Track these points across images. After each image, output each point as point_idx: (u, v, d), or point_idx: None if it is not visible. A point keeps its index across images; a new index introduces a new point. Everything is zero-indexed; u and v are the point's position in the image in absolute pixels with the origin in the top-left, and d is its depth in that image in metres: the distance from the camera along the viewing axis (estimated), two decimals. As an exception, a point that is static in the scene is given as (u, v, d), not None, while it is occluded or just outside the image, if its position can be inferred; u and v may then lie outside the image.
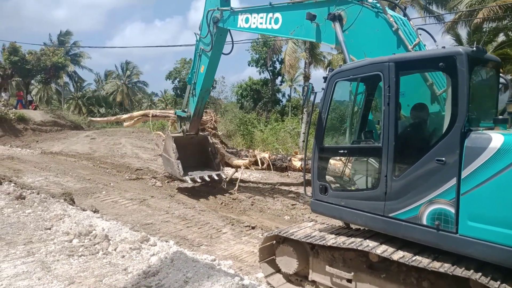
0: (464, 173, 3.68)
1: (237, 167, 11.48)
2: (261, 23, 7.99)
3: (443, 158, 3.82)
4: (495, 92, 4.57)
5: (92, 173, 12.49)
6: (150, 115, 13.52)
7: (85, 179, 11.31)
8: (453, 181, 3.75)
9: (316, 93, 5.29)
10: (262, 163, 10.54)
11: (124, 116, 14.79)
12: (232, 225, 7.93)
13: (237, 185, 10.73)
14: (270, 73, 48.05)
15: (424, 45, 5.41)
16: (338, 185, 5.23)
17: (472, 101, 3.98)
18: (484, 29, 18.50)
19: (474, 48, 3.88)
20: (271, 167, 10.54)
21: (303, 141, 23.49)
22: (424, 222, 3.96)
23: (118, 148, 19.05)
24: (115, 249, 5.05)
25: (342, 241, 4.58)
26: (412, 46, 5.26)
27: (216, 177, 10.26)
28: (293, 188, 11.08)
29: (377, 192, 4.38)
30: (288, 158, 11.06)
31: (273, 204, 9.58)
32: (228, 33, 9.39)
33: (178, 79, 57.15)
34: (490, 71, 4.51)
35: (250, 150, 12.65)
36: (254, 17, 8.13)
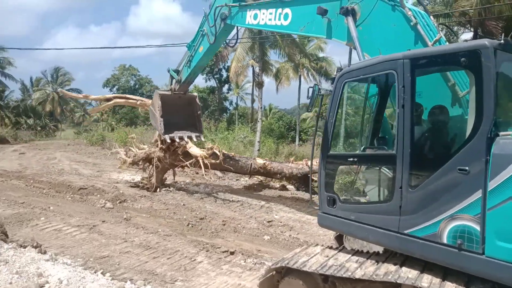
0: (491, 185, 3.18)
1: (195, 157, 11.08)
2: (270, 19, 7.66)
3: (467, 167, 3.32)
4: None
5: (25, 194, 10.55)
6: (123, 100, 13.72)
7: (18, 203, 9.42)
8: (478, 194, 3.26)
9: (322, 95, 4.58)
10: (217, 158, 10.87)
11: (93, 96, 14.05)
12: (207, 251, 6.81)
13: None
14: (217, 81, 47.07)
15: (445, 41, 4.88)
16: (348, 197, 4.60)
17: (500, 102, 3.50)
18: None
19: (502, 41, 3.37)
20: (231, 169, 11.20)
21: (258, 150, 22.78)
22: (445, 240, 3.45)
23: (54, 163, 16.80)
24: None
25: (372, 271, 3.78)
26: (432, 42, 4.71)
27: (195, 139, 10.94)
28: (263, 202, 10.17)
29: (391, 206, 3.85)
30: (253, 158, 11.36)
31: (246, 222, 8.58)
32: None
33: (117, 86, 53.94)
34: None
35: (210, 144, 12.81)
36: (263, 13, 7.84)
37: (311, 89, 4.50)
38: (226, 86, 50.10)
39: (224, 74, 47.22)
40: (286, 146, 29.38)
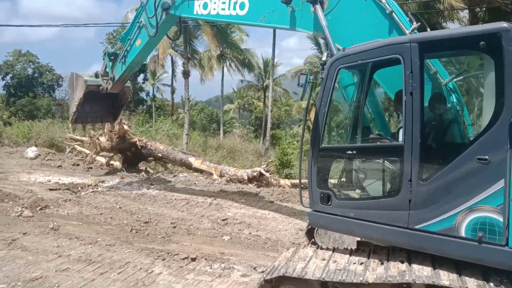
0: None
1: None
2: (223, 9, 6.85)
3: (486, 157, 3.21)
4: None
5: None
6: None
7: None
8: (500, 184, 3.17)
9: (313, 83, 4.18)
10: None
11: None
12: (164, 259, 5.98)
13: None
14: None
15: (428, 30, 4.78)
16: (345, 193, 4.30)
17: None
18: None
19: None
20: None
21: (186, 143, 21.73)
22: (463, 233, 3.33)
23: None
24: None
25: (384, 273, 3.51)
26: (410, 30, 4.56)
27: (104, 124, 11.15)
28: (209, 199, 9.48)
29: (398, 200, 3.65)
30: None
31: (199, 222, 7.85)
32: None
33: (11, 74, 47.08)
34: None
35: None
36: (214, 2, 6.97)
37: (303, 76, 4.05)
38: (142, 75, 47.19)
39: (139, 62, 44.45)
40: (212, 139, 28.71)
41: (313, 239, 5.85)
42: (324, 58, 4.15)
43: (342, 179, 4.32)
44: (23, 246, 6.35)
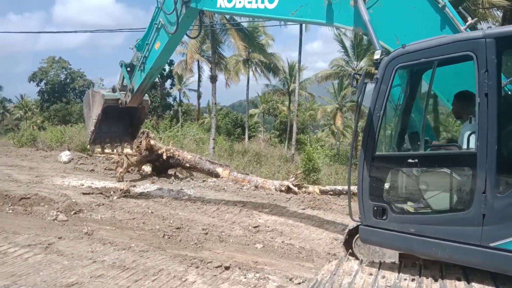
0: None
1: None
2: (249, 2, 6.30)
3: None
4: None
5: None
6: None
7: None
8: None
9: (365, 83, 3.88)
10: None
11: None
12: (197, 267, 5.88)
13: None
14: (158, 76, 44.75)
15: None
16: (404, 206, 3.93)
17: None
18: None
19: None
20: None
21: (213, 147, 21.81)
22: None
23: (-22, 169, 14.32)
24: None
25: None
26: (465, 26, 4.27)
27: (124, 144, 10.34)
28: (240, 206, 9.36)
29: (469, 214, 3.31)
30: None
31: (230, 229, 7.74)
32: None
33: (45, 81, 49.05)
34: None
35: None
36: None
37: (357, 76, 3.75)
38: (169, 81, 48.08)
39: (167, 68, 45.13)
40: (237, 144, 28.73)
41: (350, 250, 5.61)
42: (378, 57, 3.82)
43: (401, 191, 3.98)
44: (59, 250, 6.41)
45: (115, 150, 11.53)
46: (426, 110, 4.25)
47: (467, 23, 4.37)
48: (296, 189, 11.14)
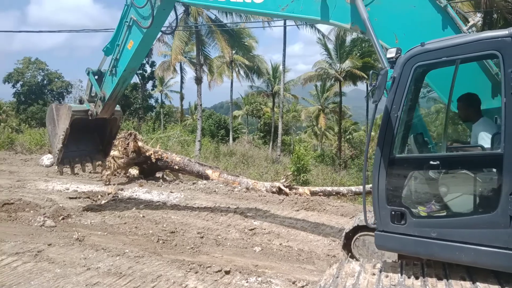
0: None
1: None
2: None
3: None
4: None
5: None
6: None
7: None
8: None
9: (386, 82, 3.72)
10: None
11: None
12: (196, 272, 5.73)
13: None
14: (140, 77, 43.97)
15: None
16: (427, 209, 3.81)
17: None
18: None
19: None
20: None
21: (199, 149, 21.56)
22: None
23: (-46, 173, 13.68)
24: None
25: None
26: (467, 27, 4.30)
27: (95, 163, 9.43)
28: (232, 208, 9.24)
29: (495, 217, 3.23)
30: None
31: (226, 232, 7.61)
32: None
33: (21, 82, 47.46)
34: None
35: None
36: None
37: (378, 75, 3.49)
38: (150, 82, 47.33)
39: (148, 69, 44.45)
40: (222, 145, 28.52)
41: (350, 253, 5.59)
42: (392, 55, 3.68)
43: (421, 194, 3.87)
44: (50, 258, 6.13)
45: (86, 170, 10.60)
46: (448, 110, 4.21)
47: (469, 24, 4.41)
48: (287, 190, 11.10)
